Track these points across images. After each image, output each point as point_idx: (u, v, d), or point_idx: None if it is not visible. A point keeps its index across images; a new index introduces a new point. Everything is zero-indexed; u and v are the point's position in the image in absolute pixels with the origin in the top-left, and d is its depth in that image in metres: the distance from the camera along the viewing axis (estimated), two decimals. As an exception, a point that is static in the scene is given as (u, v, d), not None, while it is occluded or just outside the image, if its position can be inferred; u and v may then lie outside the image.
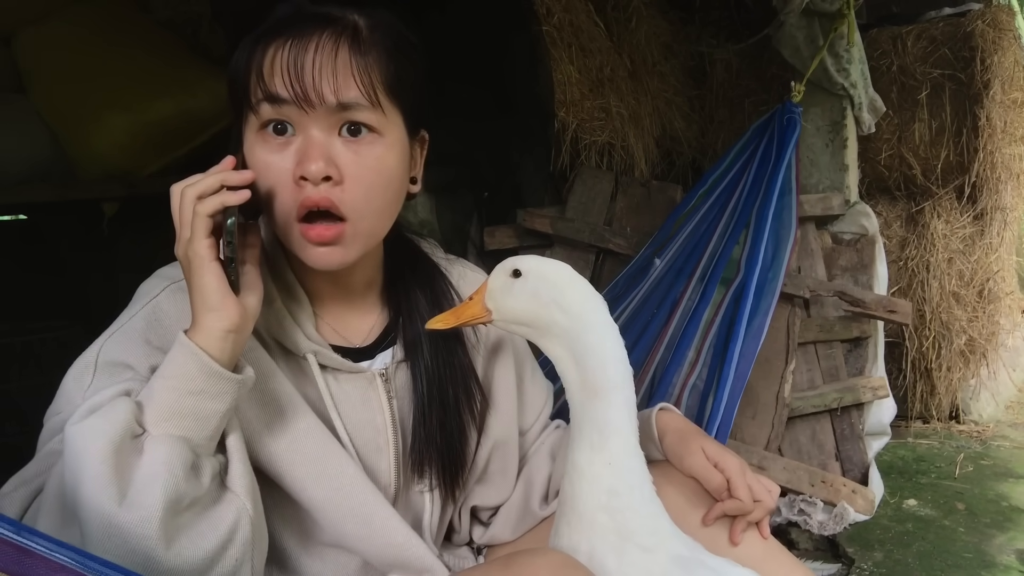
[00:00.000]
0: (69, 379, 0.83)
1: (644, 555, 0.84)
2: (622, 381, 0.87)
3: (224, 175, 0.81)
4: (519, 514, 1.11)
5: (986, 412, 3.30)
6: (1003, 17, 3.03)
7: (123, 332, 0.86)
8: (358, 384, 0.97)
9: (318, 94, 0.83)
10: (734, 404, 1.91)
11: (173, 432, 0.74)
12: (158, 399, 0.75)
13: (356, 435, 0.96)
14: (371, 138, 0.87)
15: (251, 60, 0.86)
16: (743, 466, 1.00)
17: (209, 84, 2.63)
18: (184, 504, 0.72)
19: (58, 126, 2.53)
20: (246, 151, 0.88)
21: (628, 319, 2.17)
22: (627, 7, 3.01)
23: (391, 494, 0.99)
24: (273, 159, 0.85)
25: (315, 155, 0.84)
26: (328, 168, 0.84)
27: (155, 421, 0.75)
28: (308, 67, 0.83)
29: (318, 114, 0.84)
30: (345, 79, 0.84)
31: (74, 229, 2.74)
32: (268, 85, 0.84)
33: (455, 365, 1.03)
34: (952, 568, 2.01)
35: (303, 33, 0.85)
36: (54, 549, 0.52)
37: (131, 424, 0.73)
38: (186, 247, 0.78)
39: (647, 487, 0.88)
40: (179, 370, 0.76)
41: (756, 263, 2.10)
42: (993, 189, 3.07)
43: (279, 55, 0.84)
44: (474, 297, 0.92)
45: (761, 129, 2.37)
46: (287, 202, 0.85)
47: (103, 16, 2.63)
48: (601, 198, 2.67)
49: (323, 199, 0.84)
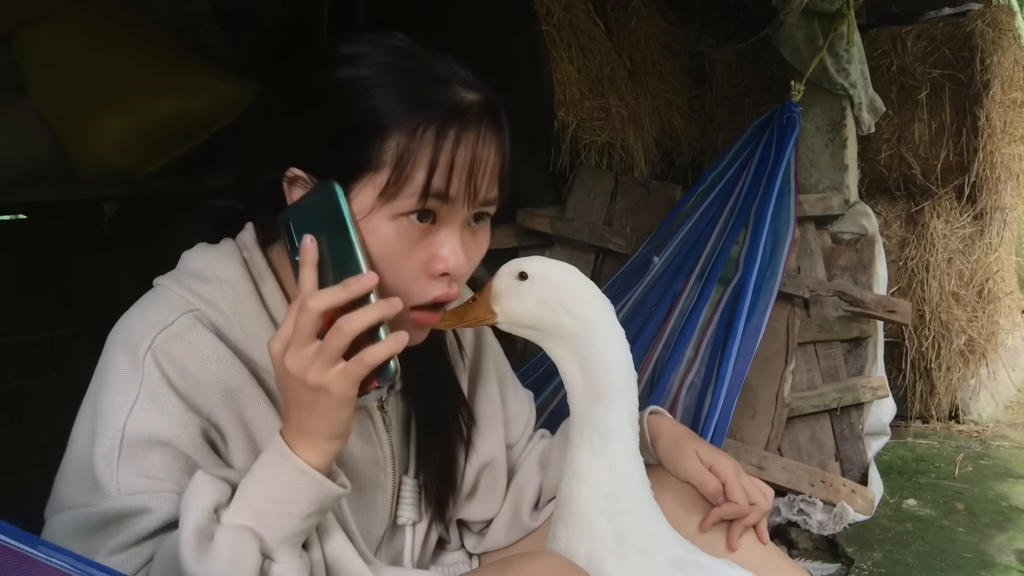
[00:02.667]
0: (98, 459, 0.75)
1: (643, 558, 0.84)
2: (626, 386, 0.86)
3: (385, 309, 0.73)
4: (509, 525, 1.10)
5: (986, 412, 3.30)
6: (1003, 17, 3.03)
7: (145, 403, 0.77)
8: (358, 419, 0.93)
9: (481, 192, 0.81)
10: (732, 402, 1.92)
11: (294, 564, 0.73)
12: (275, 526, 0.72)
13: (357, 473, 0.92)
14: (486, 222, 0.86)
15: (419, 145, 0.77)
16: (737, 468, 1.00)
17: (209, 84, 2.63)
18: None
19: (58, 126, 2.53)
20: (367, 223, 0.78)
21: (626, 317, 2.17)
22: (627, 7, 3.01)
23: (381, 533, 0.97)
24: (405, 248, 0.79)
25: (459, 252, 0.81)
26: (467, 265, 0.83)
27: (277, 548, 0.72)
28: (480, 165, 0.79)
29: (465, 208, 0.81)
30: (493, 175, 0.82)
31: (74, 229, 2.74)
32: (438, 181, 0.77)
33: (446, 390, 1.01)
34: (952, 568, 2.01)
35: (470, 123, 0.79)
36: (51, 555, 0.51)
37: (260, 561, 0.71)
38: (326, 380, 0.71)
39: (645, 492, 0.88)
40: (298, 496, 0.72)
41: (754, 261, 2.11)
42: (993, 189, 3.07)
43: (458, 152, 0.78)
44: (478, 298, 0.90)
45: (761, 128, 2.38)
46: (411, 291, 0.81)
47: (103, 16, 2.62)
48: (601, 198, 2.67)
49: (454, 295, 0.83)
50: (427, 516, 1.01)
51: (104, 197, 2.59)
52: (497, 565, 0.85)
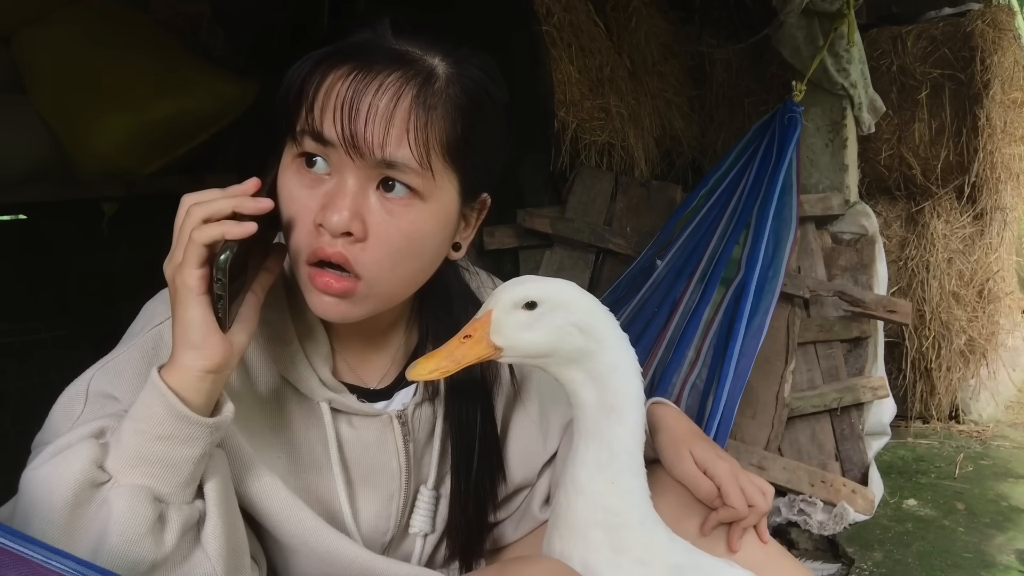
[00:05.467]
0: (58, 408, 0.77)
1: (640, 568, 0.83)
2: (639, 396, 0.85)
3: (239, 200, 0.72)
4: (519, 519, 1.08)
5: (986, 412, 3.30)
6: (1003, 17, 3.03)
7: (117, 362, 0.79)
8: (374, 427, 0.91)
9: (367, 145, 0.75)
10: (734, 403, 1.91)
11: (139, 481, 0.68)
12: (125, 443, 0.69)
13: (368, 480, 0.91)
14: (410, 200, 0.78)
15: (305, 84, 0.77)
16: (734, 470, 0.97)
17: (209, 84, 2.63)
18: (142, 569, 0.65)
19: (58, 126, 2.53)
20: (280, 172, 0.80)
21: (629, 319, 2.17)
22: (627, 7, 3.01)
23: (386, 541, 0.95)
24: (300, 194, 0.78)
25: (341, 205, 0.75)
26: (352, 223, 0.75)
27: (121, 468, 0.68)
28: (363, 112, 0.74)
29: (360, 163, 0.76)
30: (399, 135, 0.75)
31: (74, 229, 2.74)
32: (316, 122, 0.76)
33: (481, 411, 0.97)
34: (952, 568, 2.01)
35: (370, 68, 0.75)
36: (50, 557, 0.51)
37: (91, 472, 0.66)
38: (175, 271, 0.71)
39: (644, 505, 0.87)
40: (147, 412, 0.69)
41: (756, 262, 2.11)
42: (993, 189, 3.07)
43: (336, 89, 0.75)
44: (474, 335, 0.81)
45: (762, 129, 2.37)
46: (301, 243, 0.78)
47: (103, 16, 2.62)
48: (601, 198, 2.67)
49: (336, 254, 0.76)
50: (443, 534, 0.99)
51: (104, 197, 2.59)
52: (494, 568, 0.84)
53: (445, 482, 0.98)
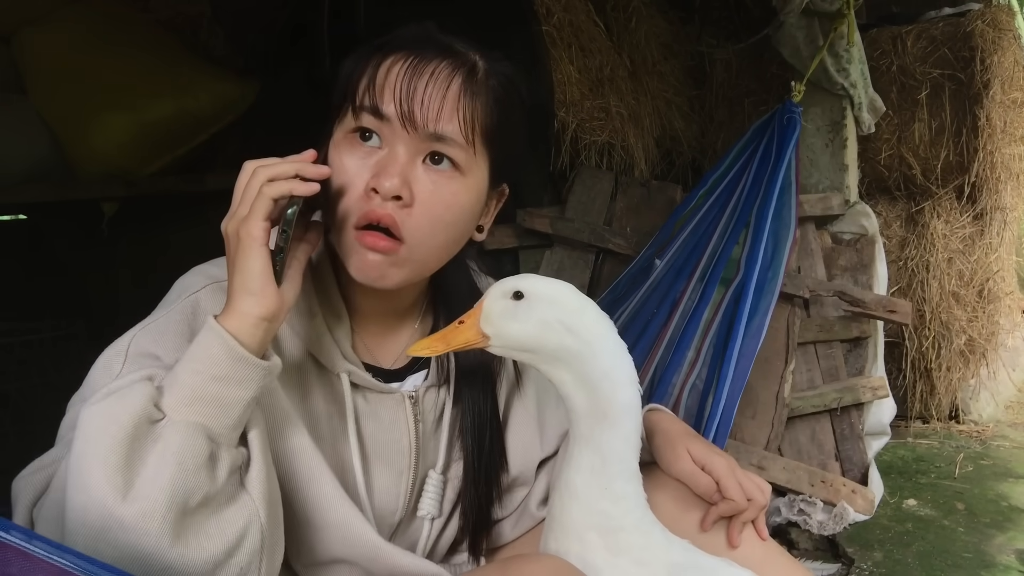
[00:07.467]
0: (98, 366, 0.81)
1: (639, 568, 0.83)
2: (634, 405, 0.84)
3: (301, 165, 0.80)
4: (517, 517, 1.10)
5: (986, 412, 3.30)
6: (1003, 17, 3.03)
7: (158, 324, 0.84)
8: (387, 404, 0.96)
9: (423, 119, 0.84)
10: (734, 403, 1.91)
11: (193, 419, 0.71)
12: (181, 382, 0.73)
13: (380, 455, 0.95)
14: (452, 173, 0.87)
15: (366, 67, 0.87)
16: (731, 465, 0.99)
17: (209, 84, 2.64)
18: (195, 501, 0.68)
19: (58, 126, 2.53)
20: (331, 148, 0.88)
21: (628, 319, 2.17)
22: (627, 7, 3.01)
23: (395, 521, 0.97)
24: (352, 163, 0.86)
25: (393, 172, 0.84)
26: (402, 188, 0.83)
27: (176, 406, 0.72)
28: (420, 90, 0.84)
29: (412, 137, 0.85)
30: (450, 112, 0.85)
31: (74, 229, 2.74)
32: (377, 97, 0.85)
33: (489, 398, 1.02)
34: (952, 568, 2.01)
35: (423, 56, 0.86)
36: (51, 552, 0.51)
37: (148, 408, 0.70)
38: (239, 224, 0.77)
39: (639, 510, 0.87)
40: (205, 353, 0.74)
41: (756, 262, 2.10)
42: (993, 189, 3.07)
43: (395, 71, 0.85)
44: (466, 320, 0.86)
45: (761, 129, 2.37)
46: (351, 208, 0.85)
47: (103, 16, 2.63)
48: (601, 198, 2.67)
49: (387, 215, 0.84)
50: (450, 516, 1.01)
51: (104, 197, 2.59)
52: (496, 566, 0.84)
53: (452, 468, 1.01)
